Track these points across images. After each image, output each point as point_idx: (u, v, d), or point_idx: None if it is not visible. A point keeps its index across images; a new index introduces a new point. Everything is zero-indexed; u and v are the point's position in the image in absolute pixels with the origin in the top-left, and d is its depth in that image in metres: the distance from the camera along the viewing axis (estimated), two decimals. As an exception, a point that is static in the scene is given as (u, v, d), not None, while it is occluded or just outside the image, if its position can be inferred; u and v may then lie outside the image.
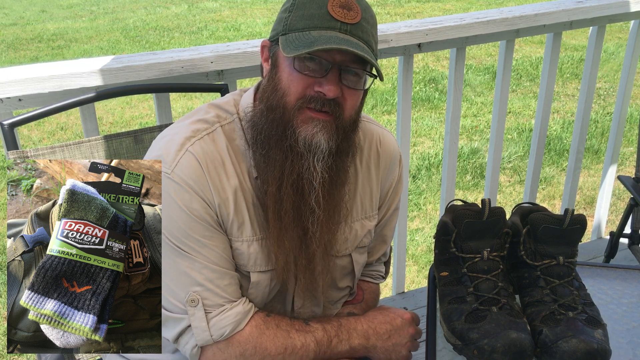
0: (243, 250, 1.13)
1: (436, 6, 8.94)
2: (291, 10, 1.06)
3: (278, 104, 1.06)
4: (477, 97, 5.49)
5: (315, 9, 1.04)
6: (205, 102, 1.21)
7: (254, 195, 1.13)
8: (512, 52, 2.20)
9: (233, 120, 1.15)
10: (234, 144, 1.13)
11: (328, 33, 1.03)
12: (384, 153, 1.27)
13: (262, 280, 1.16)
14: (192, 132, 1.11)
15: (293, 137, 1.05)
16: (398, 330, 1.20)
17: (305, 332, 1.14)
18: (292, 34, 1.05)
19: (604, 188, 2.72)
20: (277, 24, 1.09)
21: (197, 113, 1.16)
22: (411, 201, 3.82)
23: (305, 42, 1.01)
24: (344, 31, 1.04)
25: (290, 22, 1.06)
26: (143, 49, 7.28)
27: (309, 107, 1.05)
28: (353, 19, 1.04)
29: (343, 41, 1.01)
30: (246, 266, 1.15)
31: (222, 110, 1.17)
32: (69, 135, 4.89)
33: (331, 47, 0.99)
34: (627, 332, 1.19)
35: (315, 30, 1.03)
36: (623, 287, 1.32)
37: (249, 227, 1.13)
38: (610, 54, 6.30)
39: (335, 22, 1.03)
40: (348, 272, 1.27)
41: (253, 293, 1.17)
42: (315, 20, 1.04)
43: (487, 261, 1.14)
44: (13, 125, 1.40)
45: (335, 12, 1.04)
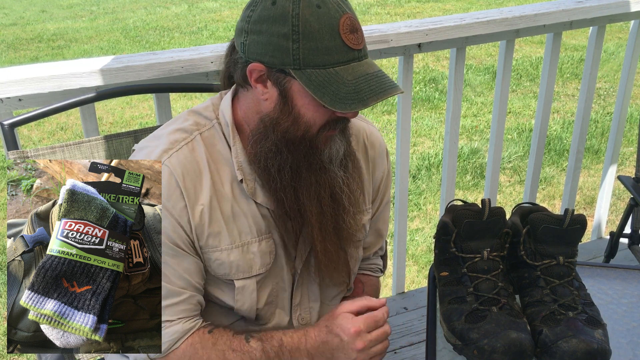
0: (223, 260, 1.14)
1: (436, 6, 8.94)
2: (297, 40, 1.00)
3: (303, 136, 1.07)
4: (477, 97, 5.49)
5: (328, 39, 1.00)
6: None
7: (234, 202, 1.13)
8: (512, 52, 2.20)
9: (213, 126, 1.15)
10: (215, 149, 1.13)
11: (356, 70, 1.02)
12: (372, 147, 1.29)
13: (248, 285, 1.16)
14: (170, 144, 1.11)
15: (320, 158, 1.09)
16: (340, 350, 1.09)
17: (243, 352, 1.12)
18: (312, 70, 1.00)
19: (604, 188, 2.72)
20: (277, 51, 1.01)
21: (176, 121, 1.16)
22: (411, 201, 3.82)
23: (346, 91, 1.00)
24: (360, 58, 1.04)
25: (303, 55, 1.00)
26: (143, 49, 7.28)
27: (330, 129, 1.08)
28: (362, 42, 1.04)
29: (378, 80, 1.02)
30: (228, 275, 1.15)
31: (201, 116, 1.16)
32: (69, 135, 4.89)
33: (382, 99, 1.01)
34: (627, 332, 1.19)
35: (339, 67, 1.01)
36: (623, 287, 1.32)
37: (226, 235, 1.13)
38: (610, 54, 6.30)
39: (354, 52, 1.03)
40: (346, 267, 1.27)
41: (240, 300, 1.17)
42: (335, 54, 1.01)
43: (487, 261, 1.14)
44: (13, 125, 1.40)
45: (350, 40, 1.02)
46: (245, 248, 1.15)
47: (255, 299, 1.18)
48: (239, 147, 1.13)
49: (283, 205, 1.12)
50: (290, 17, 0.99)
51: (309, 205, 1.11)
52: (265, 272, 1.18)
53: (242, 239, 1.15)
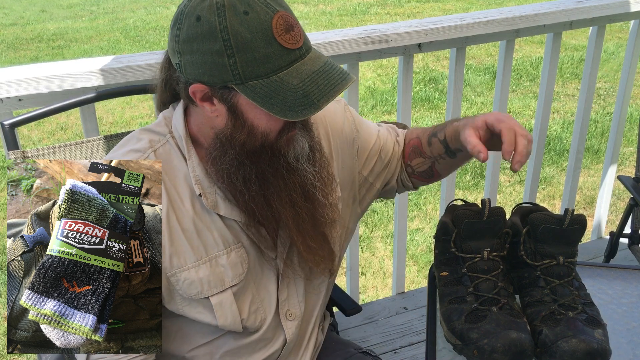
0: (192, 278, 1.10)
1: (436, 6, 8.94)
2: (231, 54, 0.95)
3: (262, 146, 1.04)
4: (477, 97, 5.49)
5: (264, 47, 0.95)
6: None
7: (195, 217, 1.11)
8: (512, 52, 2.20)
9: (167, 141, 1.12)
10: (171, 166, 1.11)
11: (299, 70, 0.98)
12: (329, 122, 1.26)
13: (224, 299, 1.13)
14: None
15: (285, 161, 1.06)
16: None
17: None
18: (256, 82, 0.97)
19: (604, 188, 2.72)
20: (214, 69, 0.97)
21: (129, 142, 1.14)
22: (411, 201, 3.82)
23: (294, 98, 0.96)
24: (303, 56, 0.99)
25: (242, 69, 0.96)
26: (143, 49, 7.28)
27: (290, 131, 1.06)
28: (300, 38, 0.99)
29: (325, 77, 0.98)
30: (201, 292, 1.12)
31: (154, 133, 1.14)
32: (69, 135, 4.89)
33: (333, 98, 0.97)
34: (627, 332, 1.19)
35: (282, 72, 0.97)
36: (623, 287, 1.32)
37: (190, 252, 1.10)
38: (610, 54, 6.30)
39: (294, 52, 0.98)
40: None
41: (222, 315, 1.13)
42: (275, 60, 0.96)
43: (487, 261, 1.14)
44: (13, 125, 1.40)
45: (287, 41, 0.97)
46: (214, 262, 1.12)
47: (236, 311, 1.14)
48: (195, 161, 1.10)
49: (254, 215, 1.10)
50: (219, 32, 0.94)
51: (283, 210, 1.09)
52: (240, 283, 1.14)
53: (209, 254, 1.11)
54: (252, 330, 1.19)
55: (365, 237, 3.51)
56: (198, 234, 1.11)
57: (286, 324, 1.22)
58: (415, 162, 1.32)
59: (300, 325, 1.25)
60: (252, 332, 1.20)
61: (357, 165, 1.29)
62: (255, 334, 1.20)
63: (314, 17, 8.51)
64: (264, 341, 1.22)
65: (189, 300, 1.13)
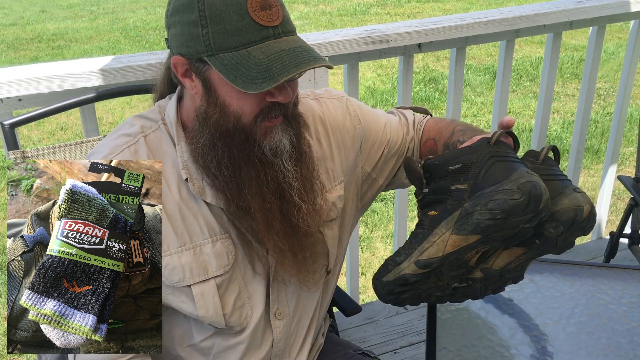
0: (174, 264, 1.10)
1: (436, 6, 8.94)
2: (204, 25, 0.97)
3: (235, 127, 1.03)
4: (477, 97, 5.49)
5: (236, 20, 0.96)
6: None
7: (181, 202, 1.11)
8: (512, 52, 2.20)
9: (158, 127, 1.13)
10: (160, 151, 1.11)
11: (269, 47, 0.98)
12: (329, 119, 1.25)
13: (206, 290, 1.12)
14: (111, 149, 1.10)
15: (260, 151, 1.05)
16: None
17: None
18: (225, 54, 0.97)
19: (604, 188, 2.72)
20: (190, 40, 0.99)
21: (122, 127, 1.15)
22: (411, 201, 3.82)
23: (257, 70, 0.96)
24: (277, 36, 0.99)
25: (214, 40, 0.97)
26: (143, 49, 7.28)
27: (266, 118, 1.04)
28: (278, 18, 0.99)
29: (293, 55, 0.98)
30: (183, 280, 1.11)
31: (147, 119, 1.15)
32: (69, 135, 4.89)
33: (295, 73, 0.96)
34: (627, 332, 1.19)
35: (252, 47, 0.97)
36: (623, 287, 1.32)
37: (174, 238, 1.10)
38: (610, 54, 6.30)
39: (267, 30, 0.98)
40: (322, 250, 1.23)
41: (202, 306, 1.12)
42: (245, 34, 0.97)
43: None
44: (13, 125, 1.40)
45: (260, 17, 0.97)
46: (198, 250, 1.11)
47: (218, 303, 1.13)
48: (184, 147, 1.10)
49: (230, 202, 1.09)
50: (196, 3, 0.97)
51: (252, 202, 1.07)
52: (225, 275, 1.13)
53: (193, 241, 1.11)
54: (238, 328, 1.18)
55: (365, 237, 3.51)
56: (183, 220, 1.11)
57: (275, 323, 1.21)
58: None
59: (289, 324, 1.23)
60: (239, 332, 1.18)
61: (361, 159, 1.28)
62: (243, 333, 1.19)
63: (314, 17, 8.51)
64: (254, 341, 1.20)
65: (172, 288, 1.12)
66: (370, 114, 1.31)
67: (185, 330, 1.20)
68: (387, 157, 1.30)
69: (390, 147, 1.30)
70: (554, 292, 1.33)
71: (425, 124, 1.34)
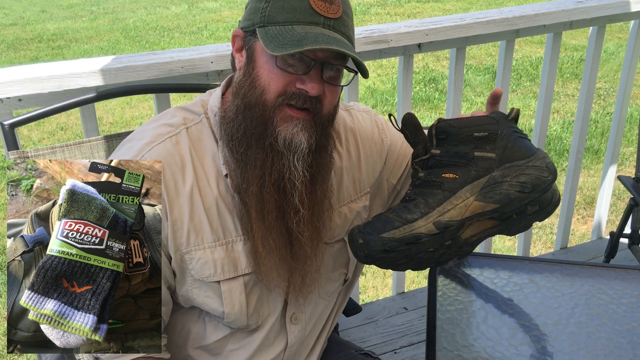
0: (207, 258, 1.10)
1: (436, 6, 8.94)
2: (268, 0, 1.02)
3: (257, 101, 1.02)
4: (477, 97, 5.49)
5: (296, 1, 1.00)
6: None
7: (219, 198, 1.10)
8: (512, 52, 2.20)
9: (200, 121, 1.13)
10: (201, 144, 1.11)
11: (313, 29, 1.00)
12: (359, 130, 1.26)
13: (234, 287, 1.12)
14: (153, 137, 1.10)
15: (273, 136, 1.03)
16: None
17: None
18: (273, 27, 1.01)
19: (604, 188, 2.72)
20: (252, 13, 1.04)
21: (164, 117, 1.15)
22: (411, 201, 3.82)
23: (291, 39, 0.98)
24: (327, 26, 1.01)
25: (269, 13, 1.01)
26: (143, 49, 7.28)
27: (290, 104, 1.02)
28: (335, 13, 1.02)
29: (331, 39, 0.99)
30: (213, 275, 1.11)
31: (189, 112, 1.15)
32: (69, 135, 4.89)
33: (322, 47, 0.96)
34: (627, 332, 1.19)
35: (299, 25, 1.00)
36: (623, 287, 1.32)
37: (209, 232, 1.10)
38: (610, 54, 6.30)
39: (319, 17, 1.01)
40: (342, 259, 1.24)
41: (229, 303, 1.12)
42: (298, 14, 1.00)
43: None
44: (13, 125, 1.40)
45: (317, 5, 1.00)
46: (230, 246, 1.11)
47: (244, 301, 1.13)
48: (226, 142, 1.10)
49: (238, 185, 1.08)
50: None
51: (250, 185, 1.05)
52: (252, 274, 1.13)
53: (227, 237, 1.11)
54: (254, 326, 1.18)
55: (365, 237, 3.50)
56: (219, 215, 1.10)
57: (290, 327, 1.22)
58: None
59: (304, 329, 1.24)
60: (254, 331, 1.19)
61: (386, 172, 1.29)
62: (256, 332, 1.19)
63: (314, 17, 8.49)
64: (266, 342, 1.21)
65: (200, 282, 1.12)
66: (394, 129, 1.32)
67: (199, 331, 1.20)
68: (410, 170, 1.31)
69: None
70: (554, 292, 1.33)
71: None
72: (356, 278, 1.33)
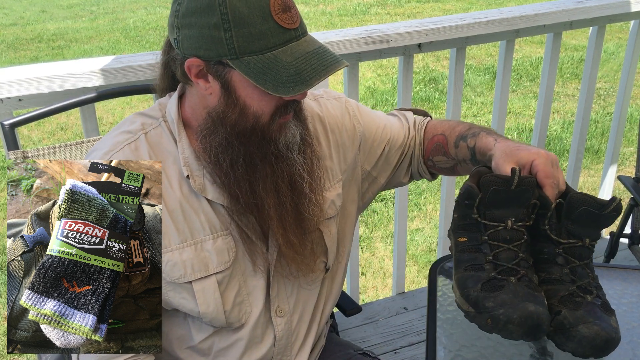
0: (175, 260, 1.11)
1: (436, 6, 8.94)
2: (227, 28, 0.97)
3: (254, 127, 1.04)
4: (477, 97, 5.49)
5: (260, 23, 0.97)
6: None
7: (183, 199, 1.11)
8: (512, 52, 2.20)
9: (159, 124, 1.14)
10: (160, 148, 1.12)
11: (293, 49, 1.00)
12: (328, 118, 1.26)
13: (207, 286, 1.13)
14: (112, 146, 1.11)
15: (275, 148, 1.06)
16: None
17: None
18: (250, 57, 0.98)
19: (604, 188, 2.72)
20: (210, 43, 0.99)
21: (124, 124, 1.16)
22: (411, 201, 3.82)
23: (287, 74, 0.97)
24: (298, 37, 1.01)
25: (238, 44, 0.98)
26: (143, 49, 7.28)
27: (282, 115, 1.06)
28: (297, 19, 1.02)
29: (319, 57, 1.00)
30: (184, 276, 1.12)
31: (147, 117, 1.15)
32: (69, 135, 4.89)
33: (326, 76, 0.98)
34: (627, 332, 1.19)
35: (277, 49, 0.99)
36: (623, 287, 1.32)
37: (175, 234, 1.11)
38: (610, 54, 6.30)
39: (289, 32, 1.00)
40: (320, 248, 1.24)
41: (203, 303, 1.13)
42: (270, 37, 0.98)
43: (510, 231, 1.10)
44: (13, 125, 1.40)
45: (283, 20, 0.99)
46: (199, 246, 1.12)
47: (219, 299, 1.14)
48: (185, 143, 1.11)
49: (239, 200, 1.09)
50: (217, 6, 0.97)
51: (266, 198, 1.08)
52: (225, 271, 1.14)
53: (195, 237, 1.12)
54: (237, 324, 1.18)
55: (365, 237, 3.51)
56: (184, 216, 1.11)
57: (276, 320, 1.22)
58: (438, 159, 1.31)
59: (290, 321, 1.23)
60: (238, 328, 1.19)
61: (360, 159, 1.29)
62: (242, 330, 1.19)
63: (314, 17, 8.51)
64: (254, 338, 1.21)
65: (173, 284, 1.12)
66: (369, 114, 1.32)
67: (184, 332, 1.20)
68: (387, 155, 1.31)
69: (391, 145, 1.30)
70: (554, 292, 1.33)
71: (427, 124, 1.35)
72: (340, 267, 1.32)
